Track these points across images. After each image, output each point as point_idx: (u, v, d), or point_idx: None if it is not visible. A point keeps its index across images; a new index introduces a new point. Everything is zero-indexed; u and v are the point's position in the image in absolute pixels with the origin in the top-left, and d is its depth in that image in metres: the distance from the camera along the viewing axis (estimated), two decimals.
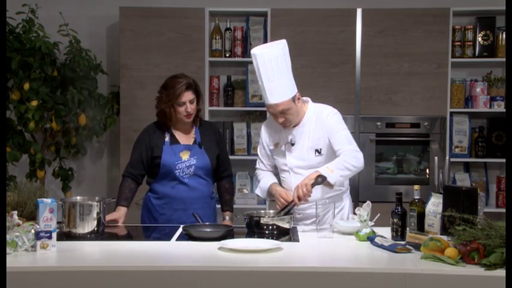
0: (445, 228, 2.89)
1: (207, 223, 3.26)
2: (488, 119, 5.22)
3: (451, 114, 5.12)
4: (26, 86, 4.81)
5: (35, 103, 4.82)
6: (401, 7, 5.13)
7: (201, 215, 3.36)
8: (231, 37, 5.22)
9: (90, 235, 3.04)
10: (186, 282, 2.46)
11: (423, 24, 5.02)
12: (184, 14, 5.10)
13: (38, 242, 2.66)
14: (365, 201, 3.12)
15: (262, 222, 3.16)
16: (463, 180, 5.15)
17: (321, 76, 5.06)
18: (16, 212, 2.80)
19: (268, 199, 3.57)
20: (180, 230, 3.17)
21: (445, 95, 5.05)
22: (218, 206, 3.75)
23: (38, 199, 2.77)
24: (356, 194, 5.01)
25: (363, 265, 2.61)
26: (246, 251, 2.70)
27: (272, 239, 3.01)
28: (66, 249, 2.75)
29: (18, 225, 2.72)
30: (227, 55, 5.20)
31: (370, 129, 5.07)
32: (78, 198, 3.22)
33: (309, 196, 3.21)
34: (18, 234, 2.65)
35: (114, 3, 5.20)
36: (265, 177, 3.58)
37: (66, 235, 3.02)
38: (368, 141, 5.06)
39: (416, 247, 2.70)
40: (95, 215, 3.06)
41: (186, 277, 2.46)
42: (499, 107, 5.09)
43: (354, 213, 3.11)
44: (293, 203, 3.26)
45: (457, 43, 5.13)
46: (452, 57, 5.08)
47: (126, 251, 2.78)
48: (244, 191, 5.22)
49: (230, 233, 3.05)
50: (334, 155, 3.38)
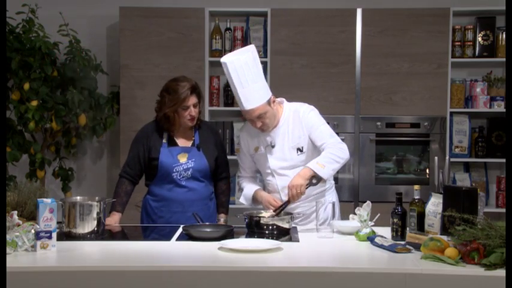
0: (445, 228, 2.89)
1: (207, 223, 3.26)
2: (488, 119, 5.22)
3: (451, 114, 5.12)
4: (26, 86, 4.81)
5: (35, 103, 4.82)
6: (402, 7, 5.13)
7: (200, 216, 3.35)
8: (231, 37, 5.22)
9: (90, 235, 3.04)
10: (186, 282, 2.46)
11: (423, 24, 5.02)
12: (184, 14, 5.10)
13: (38, 242, 2.66)
14: (365, 201, 3.12)
15: (262, 222, 3.17)
16: (463, 180, 5.15)
17: (321, 76, 5.06)
18: (16, 212, 2.80)
19: (252, 206, 3.56)
20: (180, 230, 3.16)
21: (445, 95, 5.05)
22: None
23: (38, 199, 2.77)
24: (356, 194, 5.01)
25: (363, 265, 2.61)
26: (246, 251, 2.70)
27: (272, 239, 3.02)
28: (66, 249, 2.75)
29: (18, 225, 2.72)
30: None
31: (370, 129, 5.07)
32: (78, 198, 3.22)
33: (303, 195, 3.25)
34: (18, 234, 2.65)
35: (114, 3, 5.20)
36: (248, 184, 3.60)
37: (66, 235, 3.03)
38: (368, 141, 5.06)
39: (416, 247, 2.70)
40: (95, 215, 3.06)
41: (186, 277, 2.46)
42: (499, 107, 5.09)
43: (354, 213, 3.11)
44: (287, 202, 3.28)
45: (457, 43, 5.13)
46: (452, 57, 5.08)
47: (126, 251, 2.78)
48: None
49: (230, 233, 3.05)
50: (315, 151, 3.40)
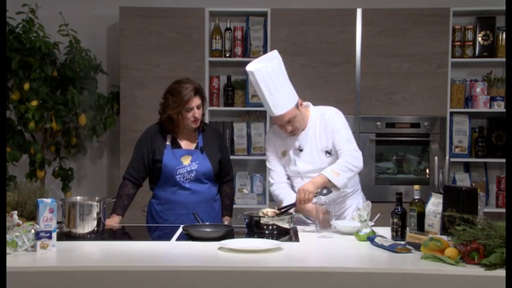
0: (445, 228, 2.89)
1: (207, 223, 3.26)
2: (488, 119, 5.22)
3: (451, 114, 5.12)
4: (26, 86, 4.81)
5: (35, 103, 4.82)
6: (402, 7, 5.13)
7: (205, 218, 3.35)
8: (231, 37, 5.22)
9: (90, 235, 3.04)
10: (186, 282, 2.46)
11: (423, 24, 5.03)
12: (184, 14, 5.10)
13: (38, 242, 2.66)
14: (365, 201, 3.12)
15: (262, 222, 3.16)
16: (463, 180, 5.15)
17: (321, 76, 5.06)
18: (16, 212, 2.80)
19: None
20: (180, 230, 3.16)
21: (445, 95, 5.06)
22: None
23: (38, 199, 2.77)
24: None
25: (363, 265, 2.61)
26: (246, 251, 2.70)
27: (272, 239, 3.02)
28: (66, 249, 2.75)
29: (18, 225, 2.72)
30: (227, 55, 5.20)
31: (370, 129, 5.07)
32: (78, 198, 3.22)
33: (309, 202, 3.23)
34: (18, 234, 2.65)
35: (114, 3, 5.20)
36: (285, 195, 3.48)
37: (66, 235, 3.02)
38: (368, 141, 5.06)
39: (416, 247, 2.70)
40: (95, 215, 3.06)
41: (186, 277, 2.46)
42: (499, 107, 5.09)
43: (354, 213, 3.12)
44: (293, 205, 3.29)
45: (457, 43, 5.13)
46: (452, 57, 5.08)
47: (126, 251, 2.78)
48: (244, 191, 5.22)
49: (230, 233, 3.05)
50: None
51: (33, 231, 2.68)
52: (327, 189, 3.26)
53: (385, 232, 2.99)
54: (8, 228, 2.66)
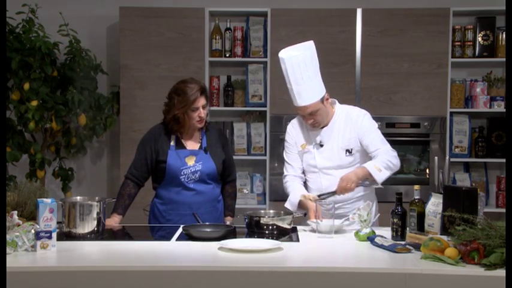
0: (445, 228, 2.89)
1: (207, 223, 3.26)
2: (488, 119, 5.22)
3: (451, 114, 5.12)
4: (26, 86, 4.81)
5: (35, 103, 4.82)
6: (401, 7, 5.13)
7: (208, 218, 3.35)
8: (231, 37, 5.22)
9: (90, 235, 3.04)
10: (186, 282, 2.46)
11: (423, 24, 5.03)
12: (184, 14, 5.10)
13: (38, 242, 2.66)
14: (365, 201, 3.12)
15: (262, 222, 3.16)
16: (463, 180, 5.15)
17: (321, 76, 5.04)
18: (16, 212, 2.80)
19: (296, 212, 3.42)
20: (180, 230, 3.16)
21: (445, 95, 5.06)
22: None
23: (38, 199, 2.77)
24: None
25: (363, 265, 2.60)
26: (246, 251, 2.70)
27: (272, 239, 3.01)
28: (66, 249, 2.75)
29: (18, 225, 2.72)
30: (227, 55, 5.20)
31: None
32: (78, 198, 3.22)
33: (351, 191, 3.28)
34: (18, 234, 2.65)
35: (114, 3, 5.20)
36: (294, 189, 3.50)
37: (66, 235, 3.02)
38: None
39: (416, 247, 2.70)
40: (95, 215, 3.06)
41: (186, 277, 2.46)
42: (499, 107, 5.09)
43: (354, 213, 3.11)
44: (334, 192, 3.32)
45: (457, 43, 5.13)
46: (452, 57, 5.08)
47: (126, 251, 2.78)
48: (244, 191, 5.22)
49: (230, 233, 3.05)
50: (363, 155, 3.44)
51: (33, 231, 2.68)
52: (368, 181, 3.29)
53: (385, 232, 2.99)
54: (8, 228, 2.66)
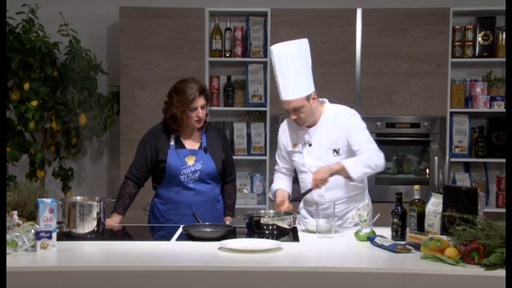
0: (445, 228, 2.89)
1: (207, 223, 3.26)
2: (488, 119, 5.22)
3: (451, 114, 5.12)
4: (26, 86, 4.82)
5: (35, 103, 4.82)
6: (401, 7, 5.13)
7: (208, 218, 3.35)
8: (231, 37, 5.22)
9: (90, 235, 3.04)
10: (186, 282, 2.46)
11: (423, 24, 5.03)
12: (184, 14, 5.10)
13: (38, 242, 2.66)
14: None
15: (262, 222, 3.16)
16: (463, 180, 5.15)
17: (321, 76, 5.02)
18: (16, 212, 2.80)
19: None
20: (180, 230, 3.16)
21: (445, 95, 5.06)
22: None
23: (38, 199, 2.77)
24: None
25: (363, 265, 2.60)
26: (246, 251, 2.70)
27: (272, 239, 3.01)
28: (66, 249, 2.75)
29: (18, 225, 2.72)
30: (227, 55, 5.20)
31: (370, 129, 4.95)
32: (78, 198, 3.22)
33: (324, 183, 3.24)
34: (18, 234, 2.65)
35: (114, 3, 5.20)
36: (277, 180, 3.62)
37: (66, 235, 3.02)
38: None
39: (416, 247, 2.70)
40: (95, 215, 3.06)
41: (186, 277, 2.46)
42: (499, 107, 5.09)
43: (354, 213, 3.11)
44: (310, 190, 3.31)
45: (457, 43, 5.13)
46: (452, 57, 5.08)
47: (126, 251, 2.78)
48: (244, 191, 5.22)
49: (230, 233, 3.05)
50: (352, 155, 3.41)
51: (33, 231, 2.68)
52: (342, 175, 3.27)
53: (385, 232, 2.99)
54: (8, 228, 2.66)
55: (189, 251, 2.79)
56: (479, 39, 5.12)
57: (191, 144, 3.54)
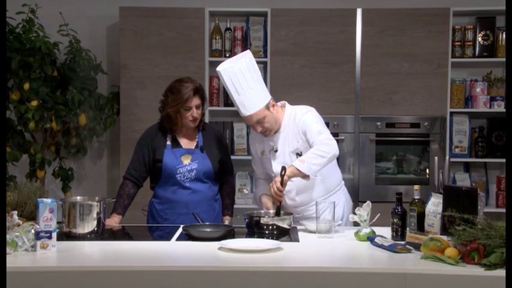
0: (445, 228, 2.89)
1: (207, 223, 3.26)
2: (488, 119, 5.22)
3: (451, 114, 5.12)
4: (26, 86, 4.81)
5: (35, 103, 4.82)
6: (401, 7, 5.13)
7: (205, 218, 3.35)
8: (231, 37, 5.22)
9: (90, 235, 3.04)
10: (186, 282, 2.46)
11: (423, 24, 5.03)
12: (184, 14, 5.10)
13: (38, 242, 2.66)
14: (365, 201, 3.12)
15: (262, 222, 3.16)
16: (463, 180, 5.15)
17: (321, 76, 5.06)
18: (16, 212, 2.79)
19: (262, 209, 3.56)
20: (180, 230, 3.16)
21: (445, 95, 5.06)
22: None
23: (38, 199, 2.77)
24: (356, 194, 5.01)
25: (363, 265, 2.61)
26: (246, 251, 2.70)
27: (272, 239, 3.02)
28: (66, 249, 2.75)
29: (18, 225, 2.72)
30: (227, 55, 5.20)
31: (370, 129, 5.07)
32: (78, 198, 3.22)
33: (281, 194, 3.20)
34: (18, 234, 2.65)
35: (114, 3, 5.20)
36: (258, 186, 3.64)
37: (66, 235, 3.02)
38: (368, 141, 5.06)
39: (416, 247, 2.70)
40: (95, 215, 3.05)
41: (186, 277, 2.46)
42: (499, 107, 5.09)
43: (354, 213, 3.11)
44: (279, 205, 3.28)
45: (457, 43, 5.13)
46: (452, 57, 5.08)
47: (126, 251, 2.78)
48: (244, 191, 5.22)
49: (230, 233, 3.05)
50: None
51: (33, 231, 2.68)
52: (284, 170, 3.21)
53: (385, 232, 2.99)
54: (8, 228, 2.66)
55: (189, 251, 2.79)
56: (479, 39, 5.12)
57: (187, 143, 3.54)
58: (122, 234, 3.36)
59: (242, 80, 3.32)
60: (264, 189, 3.54)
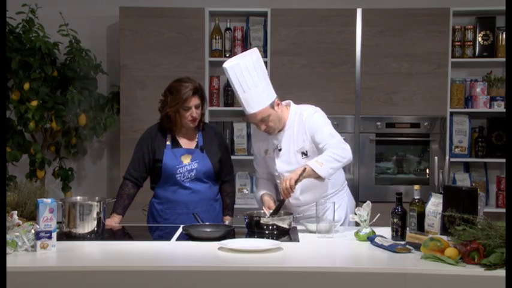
0: (445, 228, 2.89)
1: (207, 223, 3.26)
2: (488, 119, 5.22)
3: (451, 114, 5.12)
4: (26, 86, 4.81)
5: (35, 103, 4.82)
6: (401, 7, 5.13)
7: (205, 217, 3.35)
8: (231, 37, 5.22)
9: (90, 235, 3.04)
10: (186, 282, 2.46)
11: (423, 24, 5.03)
12: (184, 14, 5.10)
13: (38, 242, 2.67)
14: (365, 201, 3.12)
15: (262, 222, 3.16)
16: (463, 180, 5.15)
17: (321, 76, 5.06)
18: (16, 212, 2.80)
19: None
20: (180, 230, 3.16)
21: (445, 95, 5.06)
22: None
23: (38, 199, 2.77)
24: (356, 194, 5.01)
25: (363, 265, 2.61)
26: (246, 251, 2.70)
27: (272, 239, 3.02)
28: (66, 249, 2.75)
29: (18, 225, 2.72)
30: (227, 55, 5.20)
31: (370, 129, 5.07)
32: (78, 198, 3.22)
33: (292, 191, 3.18)
34: (18, 234, 2.65)
35: (114, 3, 5.20)
36: (259, 186, 3.62)
37: (66, 235, 3.02)
38: (368, 141, 5.06)
39: (416, 247, 2.70)
40: (95, 215, 3.05)
41: (186, 277, 2.46)
42: (499, 107, 5.09)
43: (354, 213, 3.11)
44: (282, 201, 3.28)
45: (457, 43, 5.13)
46: (452, 57, 5.08)
47: (126, 251, 2.78)
48: (244, 191, 5.22)
49: (230, 233, 3.05)
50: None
51: (33, 231, 2.68)
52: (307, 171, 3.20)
53: (385, 232, 2.99)
54: (8, 228, 2.66)
55: (189, 251, 2.79)
56: (479, 39, 5.12)
57: (187, 143, 3.54)
58: (121, 234, 3.36)
59: (248, 78, 3.31)
60: (266, 189, 3.54)
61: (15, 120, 5.00)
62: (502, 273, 2.36)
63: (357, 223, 3.13)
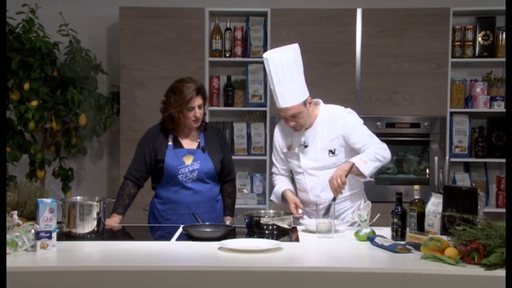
0: (445, 228, 2.89)
1: (207, 223, 3.26)
2: (488, 119, 5.22)
3: (451, 114, 5.12)
4: (26, 86, 4.81)
5: (35, 103, 4.82)
6: (401, 7, 5.13)
7: (206, 218, 3.35)
8: (231, 37, 5.22)
9: (90, 235, 3.04)
10: (186, 282, 2.46)
11: (423, 24, 5.03)
12: (184, 14, 5.10)
13: (38, 242, 2.67)
14: (365, 201, 3.12)
15: (262, 222, 3.16)
16: (463, 180, 5.15)
17: (321, 76, 5.06)
18: (16, 212, 2.80)
19: (283, 204, 3.58)
20: (180, 230, 3.16)
21: (445, 95, 5.06)
22: None
23: (38, 199, 2.77)
24: None
25: (363, 265, 2.61)
26: (246, 251, 2.70)
27: (272, 239, 3.02)
28: (66, 249, 2.75)
29: (18, 225, 2.72)
30: (227, 55, 5.20)
31: (370, 129, 4.99)
32: (78, 198, 3.22)
33: (343, 187, 3.23)
34: (18, 234, 2.65)
35: (114, 3, 5.20)
36: (279, 182, 3.62)
37: (66, 235, 3.02)
38: None
39: (416, 247, 2.70)
40: (95, 215, 3.06)
41: (186, 277, 2.46)
42: (499, 107, 5.09)
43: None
44: (333, 199, 3.25)
45: (457, 43, 5.13)
46: (452, 57, 5.08)
47: (126, 251, 2.79)
48: (244, 191, 5.22)
49: (230, 233, 3.05)
50: (348, 154, 3.43)
51: (33, 231, 2.68)
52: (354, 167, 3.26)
53: (385, 232, 2.99)
54: (8, 228, 2.66)
55: (189, 251, 2.79)
56: (479, 39, 5.12)
57: (189, 143, 3.54)
58: (122, 234, 3.36)
59: (287, 72, 3.35)
60: (286, 185, 3.57)
61: (15, 120, 5.00)
62: (502, 273, 2.36)
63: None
